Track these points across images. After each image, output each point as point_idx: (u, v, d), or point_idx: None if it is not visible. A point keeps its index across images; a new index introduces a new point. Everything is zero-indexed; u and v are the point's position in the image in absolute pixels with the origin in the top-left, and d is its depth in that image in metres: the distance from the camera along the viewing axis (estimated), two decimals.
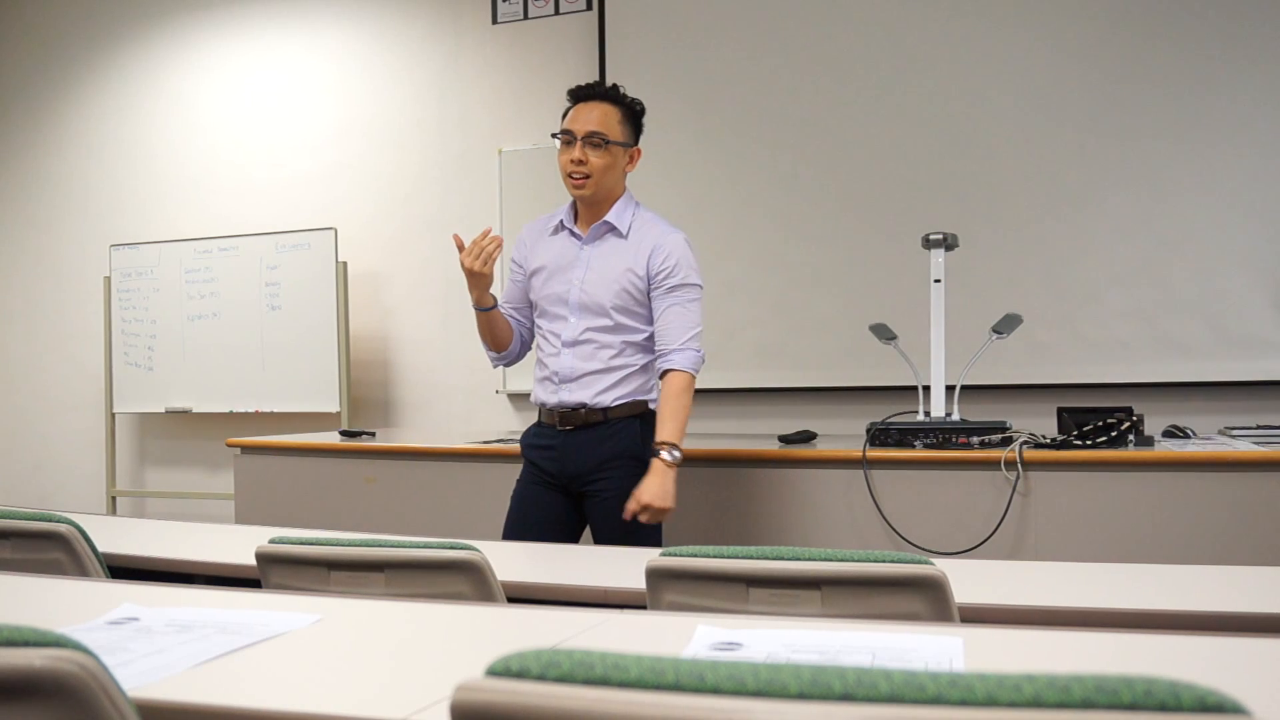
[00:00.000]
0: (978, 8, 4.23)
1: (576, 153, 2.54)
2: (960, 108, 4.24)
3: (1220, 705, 0.62)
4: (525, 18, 5.05)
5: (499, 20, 5.12)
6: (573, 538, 2.66)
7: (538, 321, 2.71)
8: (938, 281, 3.06)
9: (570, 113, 2.63)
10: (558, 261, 2.64)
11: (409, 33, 5.30)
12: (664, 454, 2.47)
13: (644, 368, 2.63)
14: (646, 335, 2.62)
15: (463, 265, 2.54)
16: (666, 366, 2.55)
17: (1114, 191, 4.06)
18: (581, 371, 2.58)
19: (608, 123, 2.57)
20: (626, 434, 2.58)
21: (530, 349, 2.81)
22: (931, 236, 3.09)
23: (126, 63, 5.90)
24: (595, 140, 2.54)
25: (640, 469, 2.54)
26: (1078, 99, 4.09)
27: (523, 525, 2.64)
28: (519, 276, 2.75)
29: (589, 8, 4.90)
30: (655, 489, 2.44)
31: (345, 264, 5.09)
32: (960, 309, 3.31)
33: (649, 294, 2.59)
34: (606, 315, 2.57)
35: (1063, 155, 4.12)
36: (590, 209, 2.64)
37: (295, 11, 5.53)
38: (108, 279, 5.60)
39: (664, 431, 2.50)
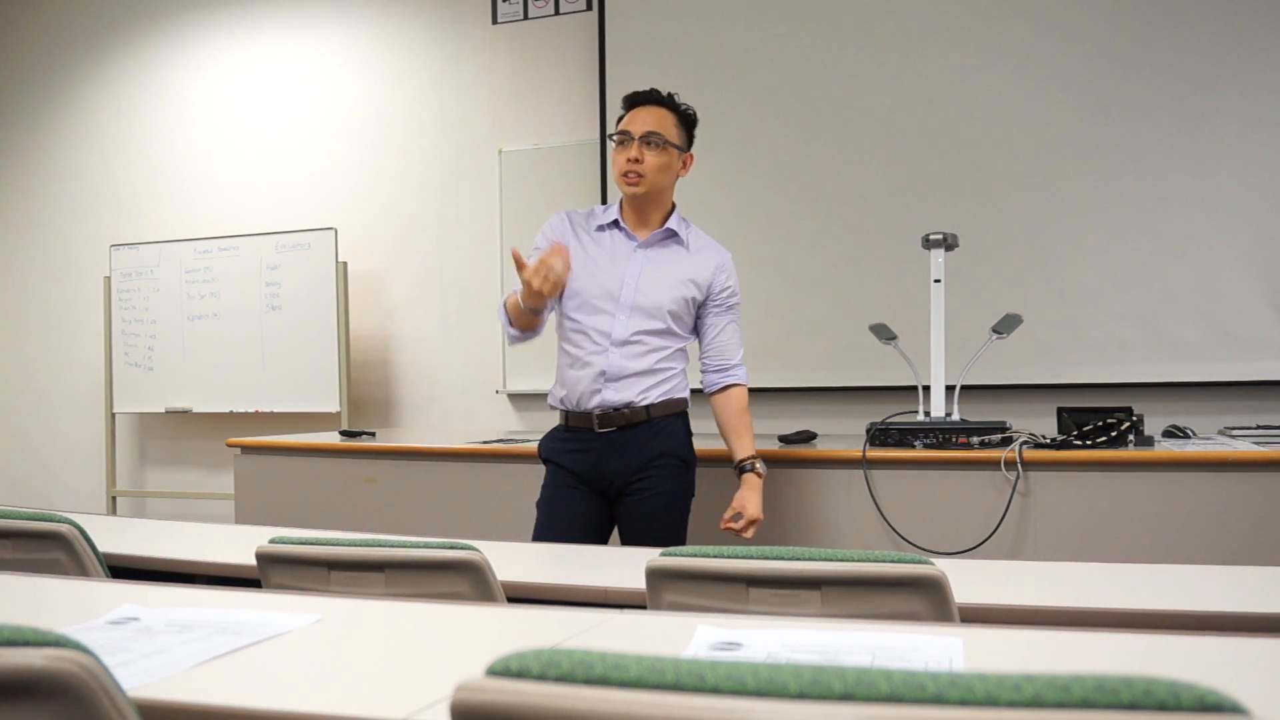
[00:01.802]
0: (978, 8, 4.23)
1: (633, 151, 2.54)
2: (960, 108, 4.24)
3: (1220, 705, 0.62)
4: (525, 18, 5.05)
5: (499, 20, 5.12)
6: (603, 540, 2.65)
7: (574, 315, 2.59)
8: (938, 281, 3.06)
9: (626, 116, 2.63)
10: (608, 257, 2.59)
11: (409, 33, 5.30)
12: (759, 467, 2.61)
13: (682, 371, 2.68)
14: (685, 343, 2.67)
15: (527, 281, 2.32)
16: (730, 382, 2.65)
17: (1114, 192, 4.06)
18: (629, 371, 2.54)
19: (664, 125, 2.58)
20: (670, 433, 2.59)
21: (544, 327, 2.65)
22: (931, 236, 3.09)
23: (127, 63, 5.90)
24: (652, 140, 2.55)
25: (682, 468, 2.61)
26: (1078, 99, 4.09)
27: (555, 530, 2.57)
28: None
29: (589, 8, 4.90)
30: (758, 502, 2.58)
31: (345, 264, 5.09)
32: (960, 309, 3.31)
33: (701, 306, 2.65)
34: (661, 319, 2.57)
35: (1063, 156, 4.12)
36: (641, 211, 2.62)
37: (295, 11, 5.53)
38: (108, 279, 5.60)
39: (747, 447, 2.63)
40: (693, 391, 2.75)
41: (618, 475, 2.56)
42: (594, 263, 2.59)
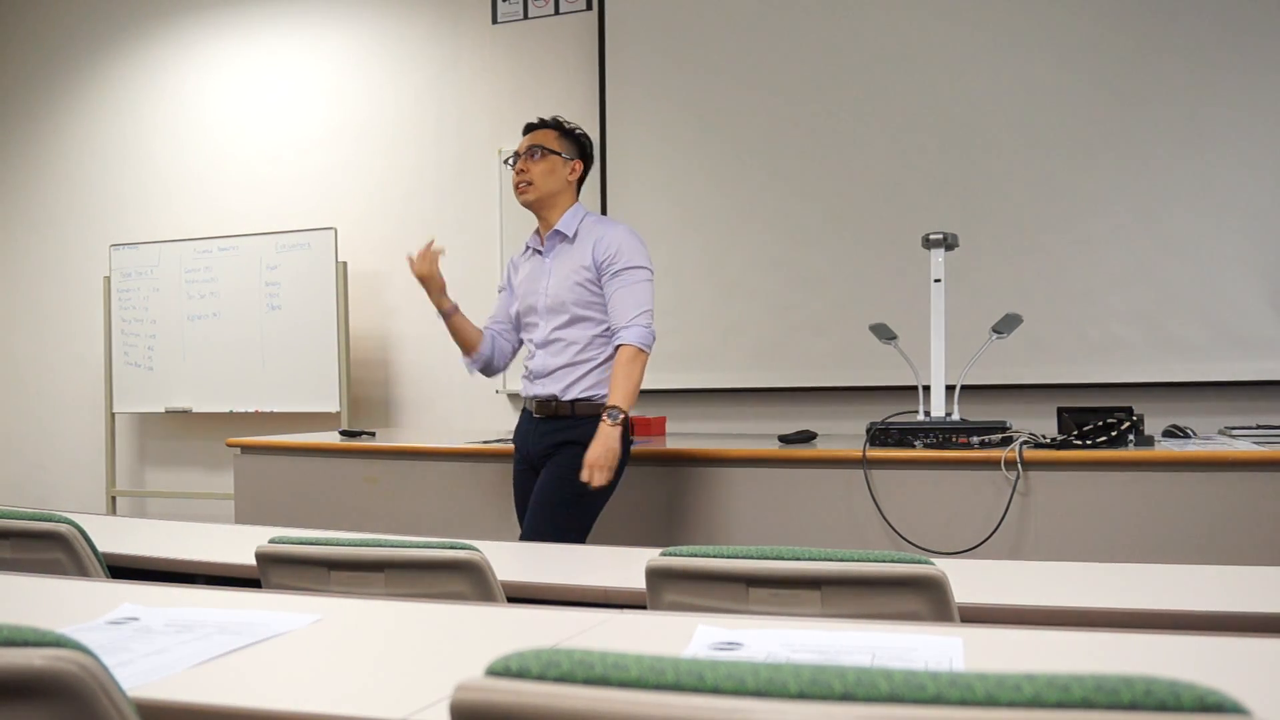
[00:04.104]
0: (978, 10, 4.23)
1: (519, 165, 2.88)
2: (960, 109, 4.24)
3: (1220, 705, 0.62)
4: (525, 18, 5.05)
5: (499, 20, 5.12)
6: None
7: (522, 335, 3.01)
8: (938, 281, 3.06)
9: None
10: (530, 278, 2.93)
11: (409, 33, 5.30)
12: (605, 416, 2.71)
13: (608, 361, 2.84)
14: (604, 327, 2.84)
15: (414, 273, 2.88)
16: (616, 342, 2.79)
17: (1114, 192, 4.06)
18: (552, 367, 2.85)
19: (545, 139, 2.89)
20: (587, 427, 2.77)
21: (507, 360, 3.13)
22: (931, 236, 3.09)
23: (127, 63, 5.90)
24: (533, 152, 2.87)
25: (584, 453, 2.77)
26: (1078, 100, 4.09)
27: (521, 509, 2.92)
28: (506, 296, 3.06)
29: (589, 8, 4.90)
30: (597, 449, 2.68)
31: (345, 264, 5.09)
32: (960, 309, 3.31)
33: (601, 284, 2.82)
34: (566, 311, 2.83)
35: (1063, 156, 4.12)
36: (544, 221, 2.92)
37: (296, 12, 5.53)
38: (108, 279, 5.60)
39: (611, 397, 2.75)
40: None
41: (539, 455, 2.86)
42: (522, 285, 2.96)
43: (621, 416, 2.70)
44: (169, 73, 5.80)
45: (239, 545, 2.03)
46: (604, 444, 2.67)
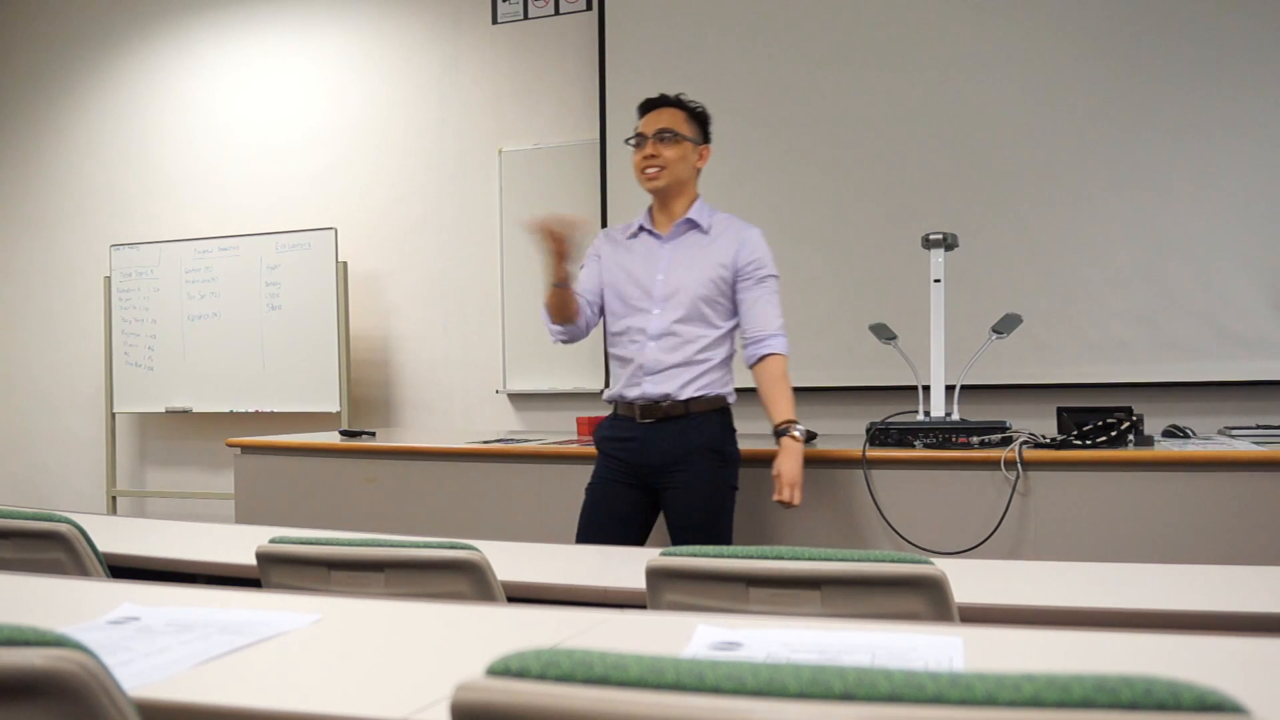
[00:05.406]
0: (978, 8, 4.23)
1: (649, 149, 2.70)
2: (960, 108, 4.24)
3: (1220, 705, 0.62)
4: (525, 18, 5.05)
5: (499, 20, 5.12)
6: (645, 533, 2.74)
7: (616, 317, 2.76)
8: (937, 281, 3.06)
9: (640, 122, 2.78)
10: (641, 261, 2.74)
11: (409, 33, 5.30)
12: (794, 431, 2.60)
13: (723, 362, 2.73)
14: (725, 331, 2.72)
15: (552, 234, 2.54)
16: (765, 351, 2.66)
17: (1114, 192, 4.06)
18: (666, 364, 2.66)
19: (675, 121, 2.73)
20: (706, 428, 2.66)
21: (588, 332, 2.84)
22: (931, 236, 3.09)
23: (128, 63, 5.90)
24: (665, 135, 2.70)
25: (719, 461, 2.67)
26: (1078, 99, 4.09)
27: (598, 522, 2.71)
28: (595, 268, 2.82)
29: (589, 8, 4.90)
30: (793, 467, 2.56)
31: (345, 264, 5.09)
32: (960, 309, 3.31)
33: (734, 286, 2.69)
34: (693, 307, 2.67)
35: (1063, 155, 4.11)
36: (665, 207, 2.76)
37: (296, 12, 5.53)
38: (108, 279, 5.60)
39: (783, 411, 2.63)
40: (739, 391, 2.81)
41: (656, 467, 2.67)
42: (629, 266, 2.75)
43: (803, 429, 2.63)
44: (170, 73, 5.80)
45: (239, 545, 2.02)
46: (797, 461, 2.57)
